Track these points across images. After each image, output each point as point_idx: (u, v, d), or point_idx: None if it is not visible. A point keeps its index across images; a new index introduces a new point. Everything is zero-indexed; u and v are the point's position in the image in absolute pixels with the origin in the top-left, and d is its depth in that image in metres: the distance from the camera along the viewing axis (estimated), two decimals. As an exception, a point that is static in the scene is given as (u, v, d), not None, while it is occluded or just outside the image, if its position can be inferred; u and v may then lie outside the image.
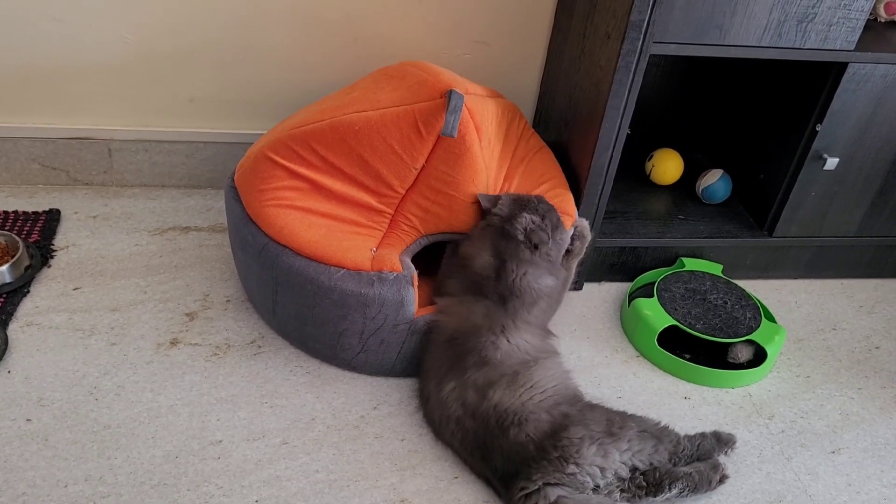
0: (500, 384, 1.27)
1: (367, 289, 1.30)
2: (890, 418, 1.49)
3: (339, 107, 1.42)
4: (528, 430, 1.22)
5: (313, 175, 1.40)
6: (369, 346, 1.37)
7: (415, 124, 1.35)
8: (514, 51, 1.82)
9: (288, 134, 1.41)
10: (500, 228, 1.39)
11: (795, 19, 1.39)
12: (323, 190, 1.40)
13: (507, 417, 1.23)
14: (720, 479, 1.28)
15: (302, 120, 1.43)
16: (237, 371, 1.41)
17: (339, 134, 1.38)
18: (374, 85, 1.48)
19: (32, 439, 1.24)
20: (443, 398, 1.30)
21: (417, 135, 1.36)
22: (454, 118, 1.32)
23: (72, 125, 1.78)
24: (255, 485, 1.21)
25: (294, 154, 1.40)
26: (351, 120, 1.37)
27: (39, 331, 1.44)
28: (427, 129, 1.35)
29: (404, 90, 1.40)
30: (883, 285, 1.87)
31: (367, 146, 1.37)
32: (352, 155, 1.38)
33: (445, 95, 1.34)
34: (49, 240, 1.66)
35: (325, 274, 1.31)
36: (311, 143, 1.39)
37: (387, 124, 1.36)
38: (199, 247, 1.70)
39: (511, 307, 1.35)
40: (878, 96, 1.53)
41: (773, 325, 1.58)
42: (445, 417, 1.29)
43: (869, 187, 1.68)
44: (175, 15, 1.65)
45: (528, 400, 1.26)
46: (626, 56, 1.38)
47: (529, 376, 1.29)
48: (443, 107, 1.33)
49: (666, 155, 1.85)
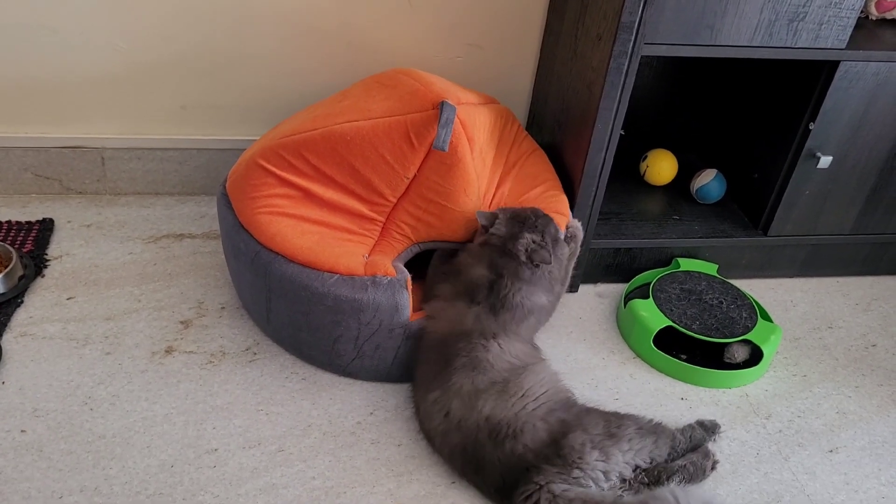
0: (490, 393, 1.25)
1: (361, 294, 1.30)
2: (887, 416, 1.49)
3: (330, 115, 1.42)
4: (524, 441, 1.20)
5: (304, 183, 1.39)
6: (364, 351, 1.37)
7: (407, 135, 1.35)
8: (506, 53, 1.82)
9: (279, 142, 1.41)
10: (500, 248, 1.38)
11: (786, 18, 1.39)
12: (314, 198, 1.40)
13: (500, 430, 1.21)
14: (712, 466, 1.30)
15: (293, 128, 1.43)
16: (232, 378, 1.41)
17: (330, 143, 1.37)
18: (365, 93, 1.48)
19: (27, 450, 1.24)
20: (427, 409, 1.29)
21: (409, 146, 1.36)
22: (446, 132, 1.32)
23: (64, 134, 1.77)
24: (252, 493, 1.21)
25: (285, 162, 1.39)
26: (343, 130, 1.37)
27: (33, 341, 1.43)
28: (419, 140, 1.35)
29: (396, 100, 1.40)
30: (878, 283, 1.87)
31: (358, 156, 1.37)
32: (343, 164, 1.38)
33: (437, 107, 1.34)
34: (43, 249, 1.65)
35: (319, 280, 1.30)
36: (302, 151, 1.39)
37: (378, 135, 1.36)
38: (193, 254, 1.70)
39: (501, 320, 1.34)
40: (871, 94, 1.53)
41: (769, 324, 1.57)
42: (432, 430, 1.28)
43: (863, 185, 1.68)
44: (167, 23, 1.65)
45: (522, 409, 1.24)
46: (618, 57, 1.38)
47: (520, 384, 1.27)
48: (435, 118, 1.33)
49: (660, 155, 1.85)
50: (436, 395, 1.28)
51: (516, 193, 1.54)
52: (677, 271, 1.69)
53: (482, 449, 1.21)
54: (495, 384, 1.26)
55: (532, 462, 1.19)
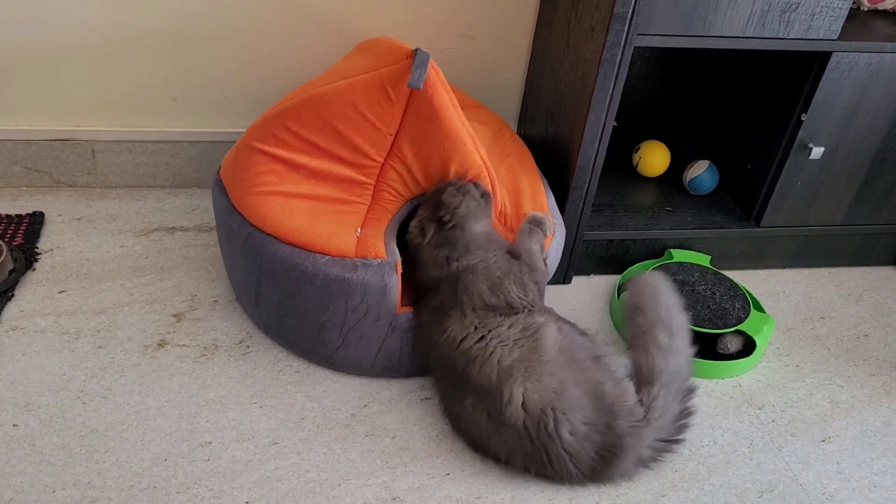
0: (515, 380, 1.22)
1: (351, 273, 1.29)
2: (879, 406, 1.49)
3: (311, 84, 1.42)
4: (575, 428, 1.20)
5: (291, 155, 1.38)
6: (349, 340, 1.36)
7: (383, 88, 1.34)
8: (498, 45, 1.82)
9: (263, 116, 1.41)
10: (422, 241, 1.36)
11: (779, 9, 1.39)
12: (302, 169, 1.39)
13: (546, 419, 1.19)
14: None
15: (277, 103, 1.43)
16: (226, 372, 1.40)
17: (312, 108, 1.36)
18: (345, 59, 1.49)
19: (19, 444, 1.23)
20: (468, 415, 1.27)
21: (387, 99, 1.34)
22: (420, 71, 1.30)
23: (54, 126, 1.76)
24: (246, 486, 1.21)
25: (271, 136, 1.39)
26: (323, 92, 1.36)
27: (25, 335, 1.43)
28: (395, 91, 1.33)
29: (372, 58, 1.39)
30: (870, 273, 1.88)
31: (339, 117, 1.36)
32: (325, 128, 1.37)
33: (411, 56, 1.32)
34: (33, 243, 1.64)
35: (310, 260, 1.30)
36: (285, 121, 1.37)
37: (356, 91, 1.34)
38: (185, 247, 1.69)
39: (466, 299, 1.31)
40: (863, 85, 1.53)
41: (762, 314, 1.58)
42: (481, 435, 1.27)
43: (855, 176, 1.68)
44: (157, 14, 1.64)
45: (556, 391, 1.21)
46: (611, 48, 1.38)
47: (540, 357, 1.24)
48: (408, 67, 1.31)
49: (653, 147, 1.86)
50: (470, 400, 1.26)
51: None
52: (670, 263, 1.69)
53: (538, 447, 1.21)
54: (516, 368, 1.23)
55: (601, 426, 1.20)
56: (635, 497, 1.25)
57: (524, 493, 1.24)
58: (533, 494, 1.24)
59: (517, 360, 1.23)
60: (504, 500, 1.23)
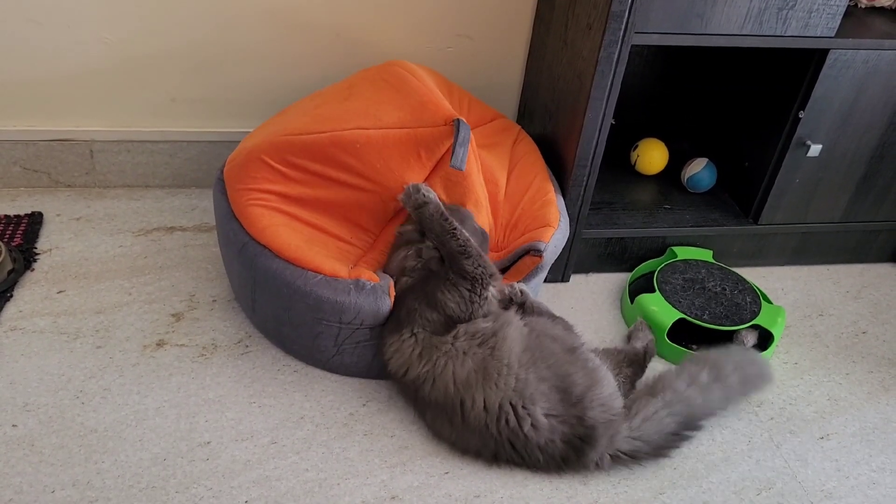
0: (475, 388, 1.25)
1: (344, 297, 1.28)
2: (877, 403, 1.50)
3: (338, 119, 1.41)
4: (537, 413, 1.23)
5: (304, 187, 1.41)
6: (345, 348, 1.36)
7: (416, 149, 1.37)
8: (496, 44, 1.82)
9: (285, 140, 1.40)
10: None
11: (776, 7, 1.39)
12: (311, 201, 1.41)
13: (507, 416, 1.24)
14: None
15: (300, 127, 1.42)
16: (224, 371, 1.40)
17: (338, 148, 1.38)
18: (375, 95, 1.46)
19: (18, 445, 1.23)
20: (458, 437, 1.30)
21: (417, 159, 1.38)
22: (463, 151, 1.34)
23: (53, 127, 1.76)
24: (245, 485, 1.21)
25: (288, 162, 1.40)
26: (354, 137, 1.38)
27: (24, 335, 1.43)
28: (428, 154, 1.37)
29: (408, 111, 1.40)
30: (868, 270, 1.88)
31: (366, 164, 1.38)
32: (350, 171, 1.39)
33: (450, 123, 1.35)
34: (32, 243, 1.64)
35: (302, 278, 1.29)
36: (307, 154, 1.39)
37: (388, 146, 1.37)
38: (184, 247, 1.69)
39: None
40: (860, 82, 1.53)
41: (773, 306, 1.58)
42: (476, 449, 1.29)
43: (853, 173, 1.68)
44: (155, 15, 1.64)
45: (515, 389, 1.24)
46: (608, 46, 1.38)
47: (499, 363, 1.25)
48: (446, 134, 1.35)
49: (651, 144, 1.85)
50: (429, 414, 1.31)
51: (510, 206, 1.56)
52: (676, 261, 1.69)
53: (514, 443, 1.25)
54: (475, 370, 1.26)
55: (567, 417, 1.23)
56: (634, 495, 1.26)
57: (523, 492, 1.24)
58: (532, 493, 1.24)
59: (472, 370, 1.25)
60: (503, 499, 1.23)
